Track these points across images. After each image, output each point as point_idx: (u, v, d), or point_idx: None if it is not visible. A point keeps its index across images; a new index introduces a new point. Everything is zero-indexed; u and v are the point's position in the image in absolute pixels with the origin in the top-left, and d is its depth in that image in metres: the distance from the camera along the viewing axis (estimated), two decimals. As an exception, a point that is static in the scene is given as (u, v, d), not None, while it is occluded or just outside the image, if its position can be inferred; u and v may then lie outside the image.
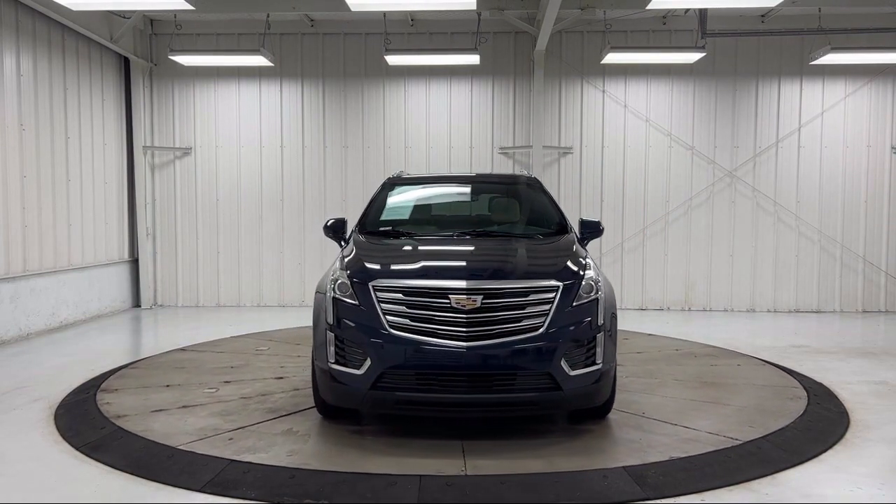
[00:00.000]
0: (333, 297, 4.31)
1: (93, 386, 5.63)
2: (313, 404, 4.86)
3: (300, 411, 4.92)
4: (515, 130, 10.35)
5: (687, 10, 9.46)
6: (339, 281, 4.36)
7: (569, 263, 4.51)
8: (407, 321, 4.13)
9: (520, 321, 4.12)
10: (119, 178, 10.12)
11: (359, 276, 4.33)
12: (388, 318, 4.14)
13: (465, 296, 4.09)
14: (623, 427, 4.63)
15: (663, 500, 3.53)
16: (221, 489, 3.64)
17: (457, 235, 5.20)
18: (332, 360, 4.23)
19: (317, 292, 4.65)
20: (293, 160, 10.49)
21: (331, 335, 4.26)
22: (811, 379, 6.00)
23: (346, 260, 4.63)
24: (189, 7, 7.50)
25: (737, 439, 4.36)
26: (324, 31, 10.31)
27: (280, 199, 10.50)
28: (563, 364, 4.09)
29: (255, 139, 10.48)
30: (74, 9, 7.66)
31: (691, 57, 9.40)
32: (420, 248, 4.87)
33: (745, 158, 10.24)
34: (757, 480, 3.77)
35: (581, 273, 4.40)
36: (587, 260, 4.65)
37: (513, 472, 3.82)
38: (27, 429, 4.66)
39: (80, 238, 9.11)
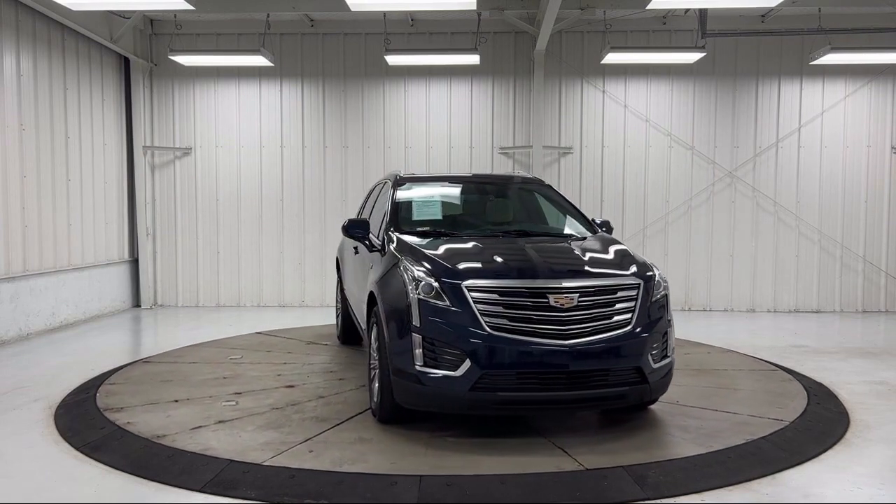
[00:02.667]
0: (419, 299, 4.21)
1: (93, 386, 5.62)
2: (356, 411, 4.83)
3: (350, 419, 4.73)
4: (515, 130, 10.35)
5: (687, 10, 9.46)
6: (423, 282, 4.25)
7: (638, 261, 4.69)
8: (505, 321, 4.10)
9: (611, 318, 4.24)
10: (119, 178, 10.12)
11: (448, 277, 4.25)
12: (486, 318, 4.10)
13: (563, 294, 4.15)
14: (673, 416, 4.83)
15: (663, 500, 3.53)
16: (221, 489, 3.64)
17: (502, 235, 5.25)
18: (421, 363, 4.13)
19: (385, 294, 4.49)
20: (293, 160, 10.49)
21: (417, 337, 4.15)
22: (811, 379, 6.00)
23: (418, 261, 4.47)
24: (189, 7, 7.50)
25: (783, 420, 4.72)
26: (324, 31, 10.31)
27: (280, 198, 10.50)
28: (649, 358, 4.27)
29: (255, 139, 10.48)
30: (74, 9, 7.66)
31: (691, 57, 9.40)
32: (488, 247, 4.79)
33: (745, 158, 10.24)
34: (757, 480, 3.77)
35: (653, 270, 4.62)
36: (644, 258, 4.84)
37: (513, 472, 3.82)
38: (27, 429, 4.66)
39: (80, 238, 9.11)
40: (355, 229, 5.41)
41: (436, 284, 4.23)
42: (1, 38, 7.61)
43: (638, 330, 4.27)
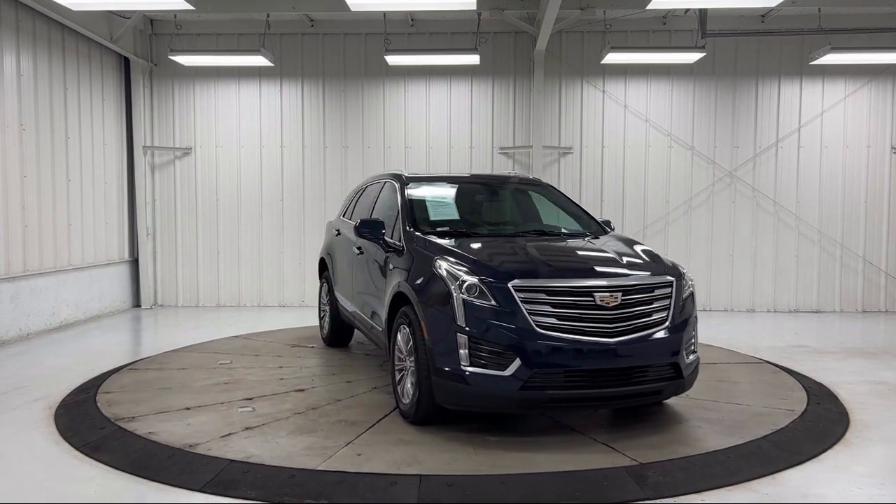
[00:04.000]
0: (464, 300, 4.20)
1: (93, 386, 5.62)
2: (381, 414, 4.82)
3: (379, 421, 4.68)
4: (515, 130, 10.35)
5: (687, 11, 9.46)
6: (467, 282, 4.24)
7: (666, 260, 4.84)
8: (553, 320, 4.15)
9: (650, 315, 4.34)
10: (119, 178, 10.13)
11: (493, 277, 4.26)
12: (533, 318, 4.13)
13: (608, 293, 4.22)
14: (691, 409, 4.97)
15: (663, 500, 3.53)
16: (221, 489, 3.64)
17: (522, 234, 5.34)
18: (467, 363, 4.13)
19: (429, 294, 4.42)
20: (293, 160, 10.49)
21: (463, 338, 4.15)
22: (811, 379, 6.01)
23: (457, 261, 4.46)
24: (189, 7, 7.50)
25: (793, 410, 4.92)
26: (324, 31, 10.31)
27: (280, 199, 10.50)
28: (683, 353, 4.41)
29: (255, 139, 10.48)
30: (74, 9, 7.66)
31: (691, 57, 9.40)
32: (521, 247, 4.87)
33: (745, 158, 10.24)
34: (757, 480, 3.77)
35: (680, 269, 4.75)
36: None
37: (515, 472, 3.82)
38: (27, 429, 4.66)
39: (80, 238, 9.11)
40: (370, 229, 5.34)
41: (480, 284, 4.23)
42: (1, 38, 7.61)
43: (674, 326, 4.40)
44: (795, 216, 10.23)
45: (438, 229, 5.21)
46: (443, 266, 4.44)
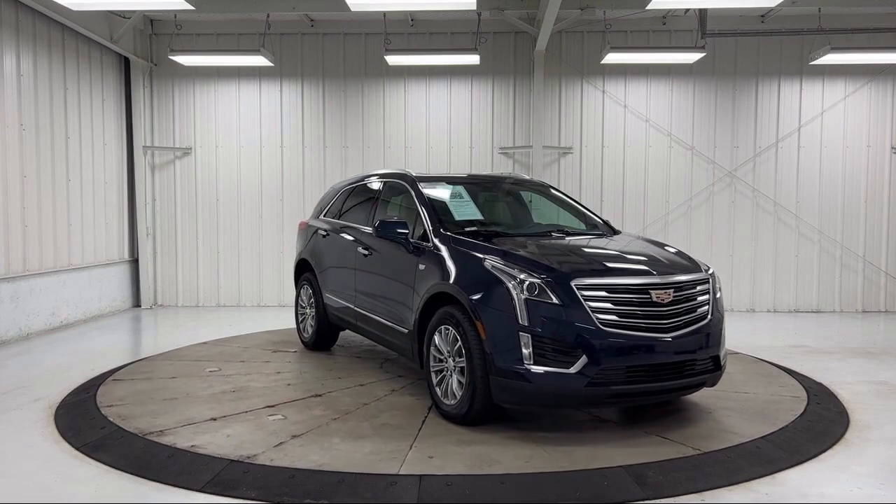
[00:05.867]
0: (526, 299, 4.22)
1: (93, 386, 5.62)
2: (420, 415, 4.79)
3: (424, 423, 4.65)
4: (515, 130, 10.35)
5: (687, 11, 9.46)
6: (528, 282, 4.27)
7: (695, 259, 5.02)
8: (614, 317, 4.24)
9: (695, 311, 4.53)
10: (119, 178, 10.13)
11: (555, 276, 4.31)
12: (596, 315, 4.20)
13: (663, 290, 4.39)
14: (703, 398, 5.16)
15: (663, 500, 3.53)
16: (221, 489, 3.64)
17: (545, 234, 5.45)
18: (531, 362, 4.17)
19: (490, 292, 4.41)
20: (293, 160, 10.49)
21: (526, 336, 4.18)
22: (811, 379, 6.01)
23: (512, 261, 4.47)
24: (189, 7, 7.50)
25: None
26: (324, 31, 10.31)
27: (280, 198, 10.50)
28: (721, 346, 4.64)
29: (255, 139, 10.48)
30: (74, 9, 7.66)
31: (691, 57, 9.40)
32: (568, 246, 4.99)
33: (745, 158, 10.24)
34: (757, 480, 3.77)
35: (709, 267, 4.93)
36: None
37: (516, 472, 3.82)
38: (27, 429, 4.66)
39: (80, 238, 9.12)
40: (393, 230, 5.28)
41: (542, 283, 4.26)
42: (1, 38, 7.61)
43: (714, 321, 4.61)
44: (795, 216, 10.24)
45: (466, 229, 5.20)
46: (496, 266, 4.47)
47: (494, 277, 4.41)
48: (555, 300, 4.21)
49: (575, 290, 4.24)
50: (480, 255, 4.64)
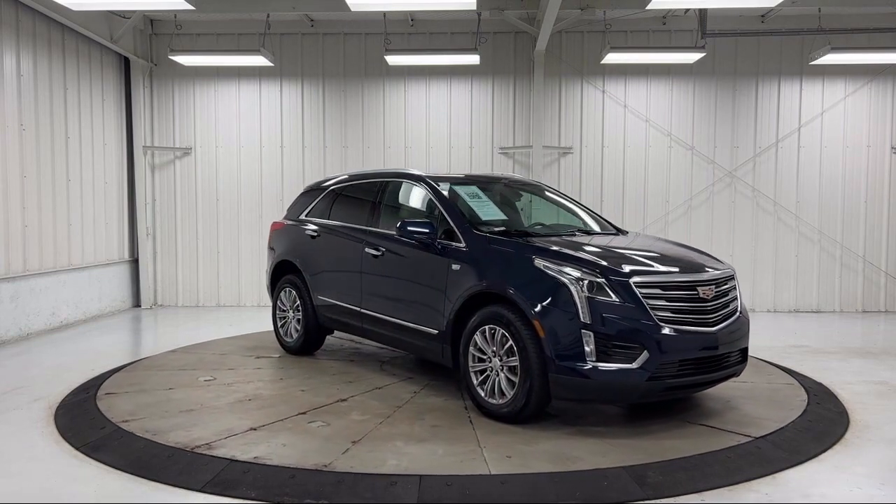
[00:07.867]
0: (587, 297, 4.32)
1: (93, 386, 5.61)
2: (460, 416, 4.78)
3: (469, 423, 4.64)
4: (515, 130, 10.35)
5: (687, 10, 9.46)
6: (587, 280, 4.36)
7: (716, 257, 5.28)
8: (668, 314, 4.42)
9: (729, 305, 4.77)
10: (119, 178, 10.13)
11: (615, 275, 4.43)
12: (654, 312, 4.37)
13: (707, 286, 4.61)
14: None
15: (663, 500, 3.53)
16: (221, 489, 3.64)
17: (571, 233, 5.56)
18: (594, 359, 4.26)
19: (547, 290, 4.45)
20: (293, 160, 10.49)
21: (588, 334, 4.27)
22: (811, 379, 6.00)
23: (567, 260, 4.51)
24: (189, 7, 7.50)
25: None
26: (324, 31, 10.31)
27: (280, 198, 10.49)
28: (747, 338, 4.91)
29: (255, 139, 10.48)
30: (74, 9, 7.67)
31: (691, 57, 9.40)
32: (609, 246, 5.10)
33: (745, 158, 10.24)
34: (757, 480, 3.77)
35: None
36: None
37: (515, 473, 3.82)
38: (27, 428, 4.66)
39: (80, 238, 9.12)
40: (420, 230, 5.19)
41: (602, 282, 4.38)
42: (1, 38, 7.61)
43: (744, 315, 4.90)
44: (795, 216, 10.23)
45: (495, 229, 5.20)
46: (549, 265, 4.51)
47: (550, 277, 4.46)
48: (615, 298, 4.34)
49: (634, 287, 4.39)
50: (527, 255, 4.65)
